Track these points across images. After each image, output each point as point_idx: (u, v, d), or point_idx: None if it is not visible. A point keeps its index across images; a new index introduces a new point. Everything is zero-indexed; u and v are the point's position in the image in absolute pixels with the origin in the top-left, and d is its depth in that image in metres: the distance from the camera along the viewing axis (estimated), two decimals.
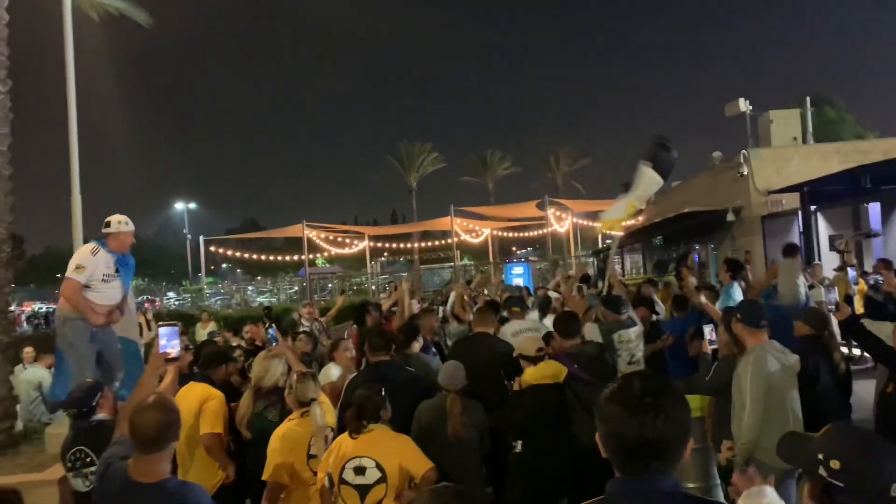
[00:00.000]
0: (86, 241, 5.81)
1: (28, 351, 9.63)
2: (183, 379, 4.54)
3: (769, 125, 15.99)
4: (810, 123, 16.49)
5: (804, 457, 1.77)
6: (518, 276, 26.07)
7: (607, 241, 36.09)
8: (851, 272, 9.91)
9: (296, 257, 34.40)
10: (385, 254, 46.34)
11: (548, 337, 5.37)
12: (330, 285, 32.63)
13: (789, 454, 1.91)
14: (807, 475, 1.77)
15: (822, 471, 1.70)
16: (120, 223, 5.39)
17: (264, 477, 3.90)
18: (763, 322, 4.21)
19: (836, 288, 9.62)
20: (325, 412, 4.02)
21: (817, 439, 1.79)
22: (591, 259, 31.03)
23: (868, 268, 11.37)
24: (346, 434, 3.72)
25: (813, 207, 12.65)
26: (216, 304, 31.09)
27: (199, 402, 4.40)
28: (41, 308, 39.32)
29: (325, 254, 41.89)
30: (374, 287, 31.81)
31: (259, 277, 48.50)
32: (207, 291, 34.53)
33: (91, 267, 5.20)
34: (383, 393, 3.81)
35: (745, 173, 14.73)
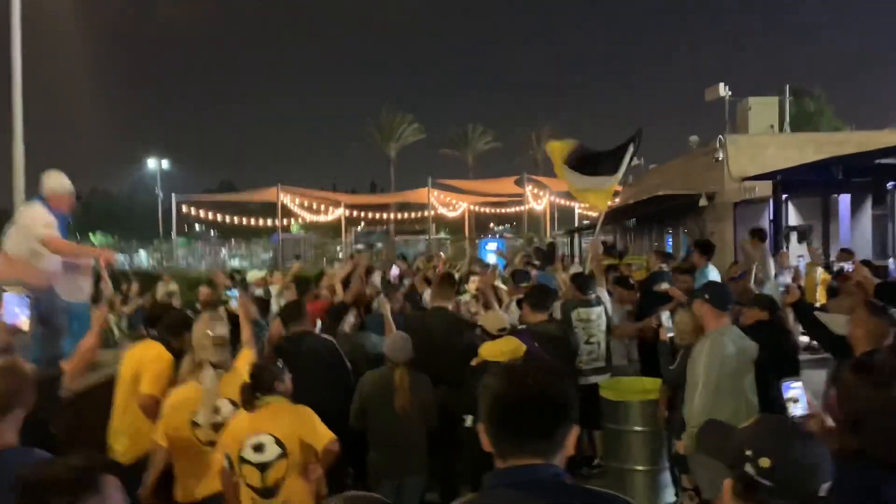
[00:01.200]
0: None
1: None
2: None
3: (747, 112, 15.96)
4: (788, 112, 16.50)
5: (729, 451, 1.67)
6: (492, 251, 26.06)
7: (584, 221, 36.15)
8: (802, 263, 9.90)
9: (270, 222, 33.98)
10: (361, 223, 45.97)
11: None
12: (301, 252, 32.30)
13: (711, 446, 1.81)
14: (730, 470, 1.67)
15: (748, 468, 1.59)
16: (53, 181, 5.06)
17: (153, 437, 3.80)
18: (729, 305, 4.15)
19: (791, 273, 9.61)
20: (227, 382, 3.77)
21: (744, 432, 1.69)
22: (565, 238, 31.05)
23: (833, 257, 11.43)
24: (242, 410, 3.54)
25: (784, 196, 12.69)
26: (191, 265, 30.67)
27: (146, 362, 4.21)
28: None
29: (300, 220, 41.36)
30: (349, 256, 31.57)
31: (233, 240, 47.88)
32: (179, 252, 34.04)
33: (55, 223, 4.92)
34: (280, 364, 3.67)
35: (721, 158, 14.70)
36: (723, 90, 15.72)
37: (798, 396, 2.78)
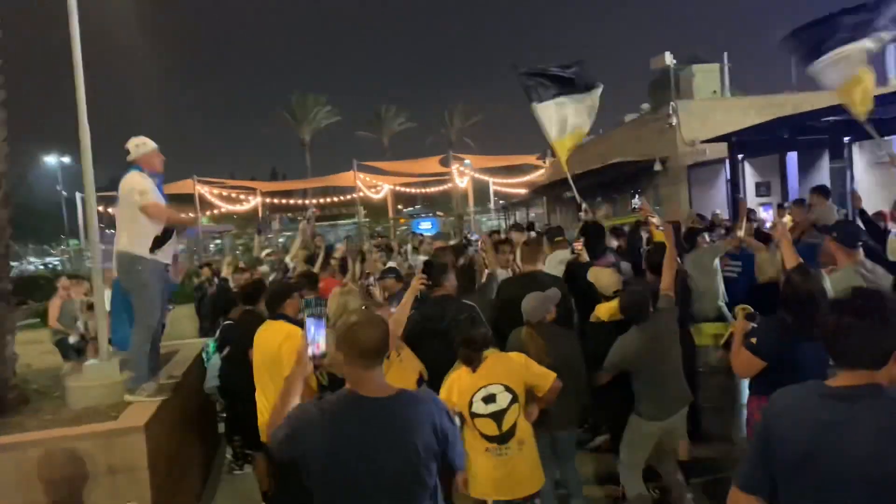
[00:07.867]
0: None
1: None
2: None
3: (691, 79, 16.67)
4: (727, 77, 17.35)
5: None
6: (426, 230, 26.11)
7: (500, 201, 36.64)
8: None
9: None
10: (278, 211, 44.55)
11: None
12: (218, 243, 31.15)
13: None
14: None
15: None
16: (138, 146, 4.88)
17: None
18: (859, 242, 4.34)
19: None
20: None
21: None
22: (498, 215, 31.44)
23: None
24: (459, 369, 3.66)
25: (740, 156, 13.36)
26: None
27: (282, 339, 4.06)
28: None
29: (216, 210, 39.77)
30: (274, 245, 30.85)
31: None
32: (87, 252, 32.07)
33: (152, 187, 4.76)
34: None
35: (675, 124, 15.32)
36: (668, 59, 16.32)
37: None
